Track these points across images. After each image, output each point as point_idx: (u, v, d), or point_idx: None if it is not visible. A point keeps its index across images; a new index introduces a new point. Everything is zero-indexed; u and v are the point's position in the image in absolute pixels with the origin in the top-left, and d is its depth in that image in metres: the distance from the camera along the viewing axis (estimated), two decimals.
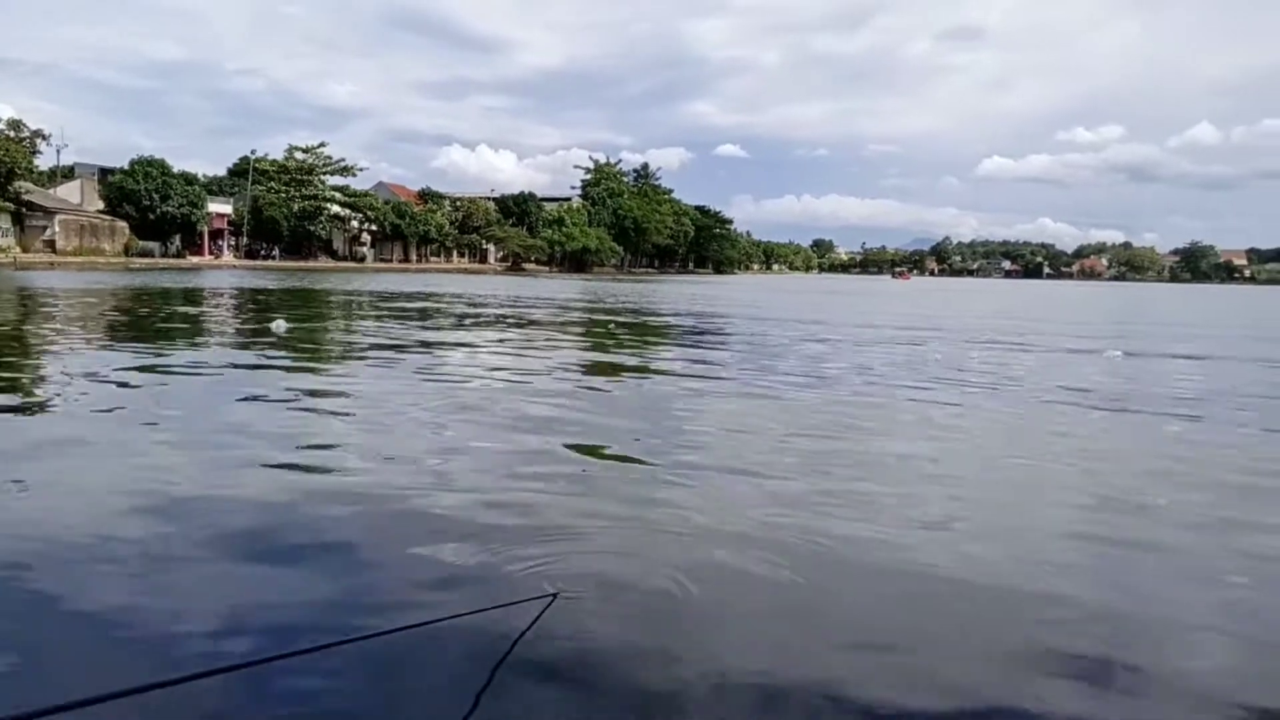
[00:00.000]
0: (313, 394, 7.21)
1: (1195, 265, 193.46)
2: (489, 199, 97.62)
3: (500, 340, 13.04)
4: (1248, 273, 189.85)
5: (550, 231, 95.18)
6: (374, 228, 79.02)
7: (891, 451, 5.57)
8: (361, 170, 77.54)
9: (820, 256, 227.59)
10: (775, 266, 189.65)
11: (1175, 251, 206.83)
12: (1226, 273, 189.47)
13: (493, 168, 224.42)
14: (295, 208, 68.87)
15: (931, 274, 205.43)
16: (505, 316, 18.77)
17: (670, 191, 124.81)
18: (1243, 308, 42.25)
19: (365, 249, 79.97)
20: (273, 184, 69.37)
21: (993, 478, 5.05)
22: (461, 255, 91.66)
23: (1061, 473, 5.13)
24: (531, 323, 17.00)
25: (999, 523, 4.08)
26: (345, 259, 75.49)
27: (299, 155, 72.20)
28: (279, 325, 12.89)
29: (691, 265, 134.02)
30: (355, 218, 76.93)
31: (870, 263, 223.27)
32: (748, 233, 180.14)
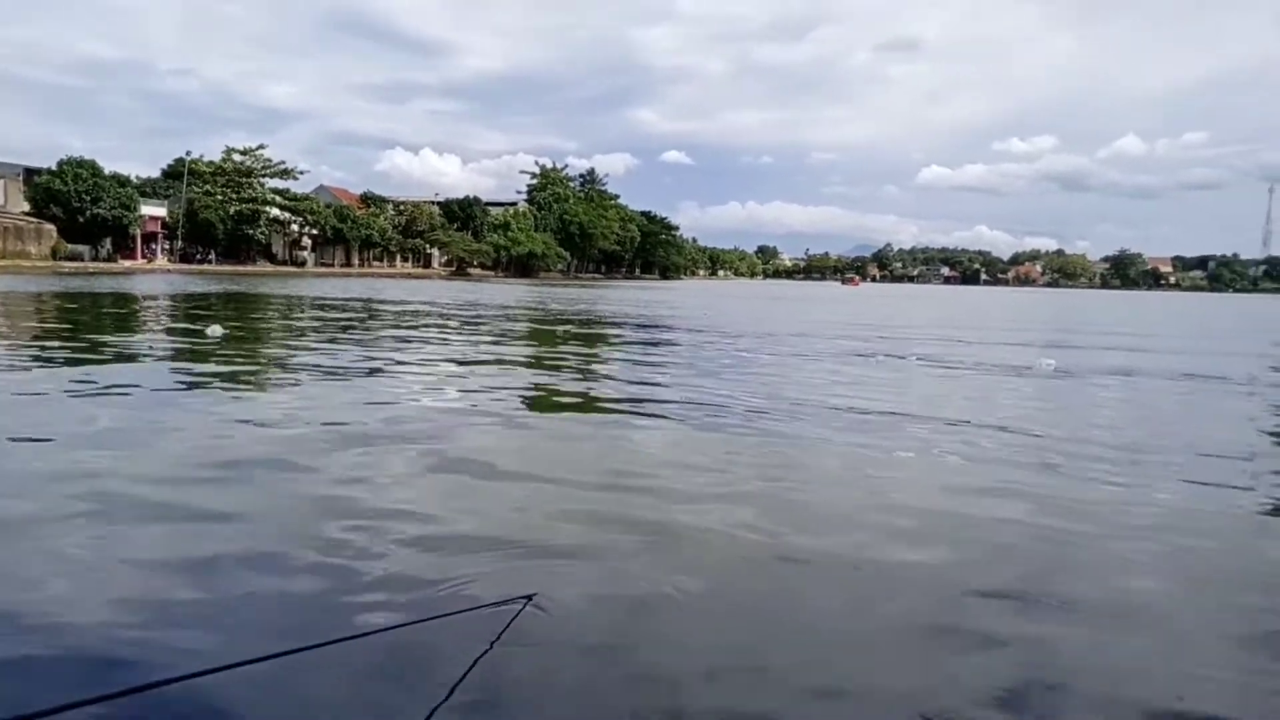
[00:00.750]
0: (257, 400, 7.04)
1: (1124, 272, 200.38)
2: (433, 203, 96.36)
3: (446, 350, 12.91)
4: (1173, 279, 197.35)
5: (496, 236, 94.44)
6: (315, 231, 77.46)
7: (842, 473, 5.65)
8: (302, 173, 75.95)
9: (765, 263, 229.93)
10: (721, 273, 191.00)
11: (1105, 259, 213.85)
12: (1153, 279, 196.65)
13: (437, 171, 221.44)
14: (232, 210, 67.16)
15: (874, 280, 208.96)
16: (449, 324, 18.59)
17: (616, 197, 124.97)
18: (1169, 314, 43.85)
19: (306, 253, 78.34)
20: (209, 186, 67.54)
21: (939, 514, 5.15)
22: (405, 259, 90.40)
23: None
24: (479, 330, 16.87)
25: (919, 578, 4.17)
26: (285, 263, 73.90)
27: (236, 157, 70.47)
28: (214, 330, 12.66)
29: (638, 271, 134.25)
30: (295, 221, 75.33)
31: (814, 269, 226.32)
32: (693, 239, 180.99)
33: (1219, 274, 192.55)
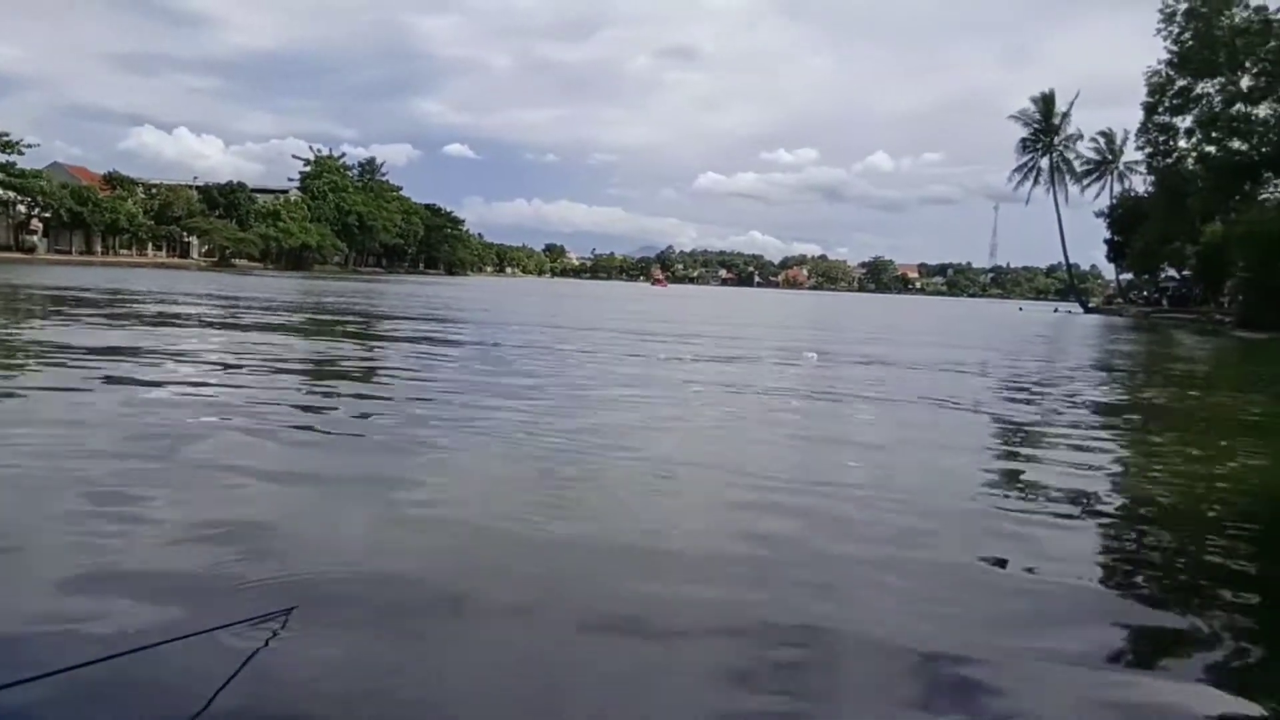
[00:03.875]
0: None
1: (879, 277, 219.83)
2: (192, 187, 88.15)
3: (195, 340, 11.99)
4: (918, 284, 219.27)
5: (264, 225, 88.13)
6: (47, 214, 68.58)
7: (627, 443, 5.87)
8: (30, 147, 66.79)
9: (553, 261, 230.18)
10: (509, 270, 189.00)
11: (863, 264, 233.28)
12: (903, 284, 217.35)
13: (195, 153, 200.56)
14: None
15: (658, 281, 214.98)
16: (199, 316, 17.23)
17: (399, 189, 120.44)
18: (911, 314, 48.78)
19: (35, 238, 69.12)
20: None
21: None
22: (159, 249, 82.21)
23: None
24: (234, 315, 15.76)
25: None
26: (9, 248, 64.94)
27: None
28: None
29: (422, 266, 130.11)
30: (22, 201, 66.31)
31: (600, 268, 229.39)
32: (480, 234, 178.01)
33: (956, 280, 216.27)
